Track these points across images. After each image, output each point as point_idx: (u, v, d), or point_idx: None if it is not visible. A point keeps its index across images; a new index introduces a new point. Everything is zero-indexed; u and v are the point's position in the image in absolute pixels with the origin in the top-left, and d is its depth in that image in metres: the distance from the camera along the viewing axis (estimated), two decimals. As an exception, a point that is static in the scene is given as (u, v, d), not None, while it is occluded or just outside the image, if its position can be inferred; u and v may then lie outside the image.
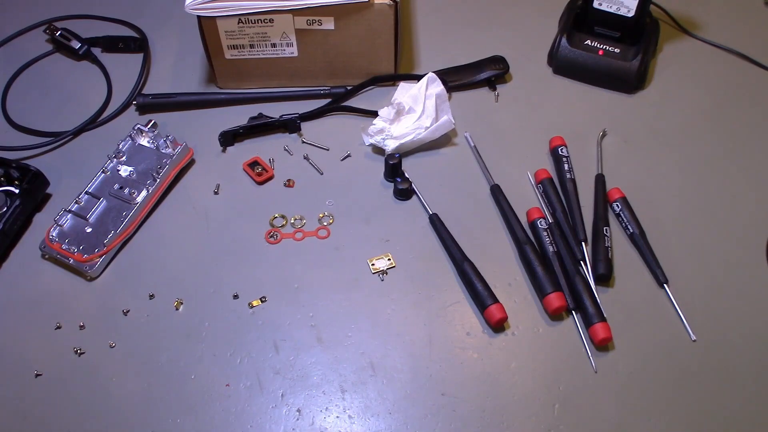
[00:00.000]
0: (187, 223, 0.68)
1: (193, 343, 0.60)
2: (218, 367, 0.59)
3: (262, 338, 0.60)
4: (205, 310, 0.62)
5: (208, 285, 0.63)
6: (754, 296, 0.63)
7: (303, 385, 0.58)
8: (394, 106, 0.72)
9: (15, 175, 0.68)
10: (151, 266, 0.65)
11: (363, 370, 0.58)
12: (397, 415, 0.56)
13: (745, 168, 0.72)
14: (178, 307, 0.62)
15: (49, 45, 0.84)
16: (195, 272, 0.64)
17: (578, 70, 0.79)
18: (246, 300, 0.62)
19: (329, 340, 0.60)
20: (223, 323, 0.61)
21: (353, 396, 0.57)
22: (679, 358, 0.59)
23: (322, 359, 0.59)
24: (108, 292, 0.64)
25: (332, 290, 0.63)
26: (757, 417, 0.56)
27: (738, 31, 0.84)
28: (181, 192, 0.71)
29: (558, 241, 0.64)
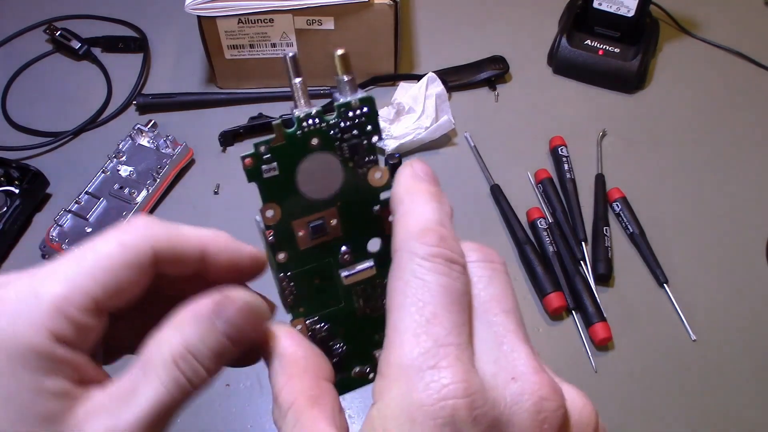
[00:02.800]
0: (187, 223, 0.68)
1: (193, 343, 0.60)
2: (218, 367, 0.59)
3: (262, 338, 0.60)
4: (205, 310, 0.62)
5: (208, 285, 0.63)
6: (754, 296, 0.63)
7: (303, 385, 0.58)
8: (394, 106, 0.72)
9: (15, 175, 0.68)
10: (151, 266, 0.65)
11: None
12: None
13: (745, 168, 0.72)
14: (178, 307, 0.62)
15: (49, 45, 0.84)
16: (195, 272, 0.64)
17: (578, 70, 0.79)
18: (246, 300, 0.62)
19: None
20: (223, 323, 0.61)
21: (353, 396, 0.57)
22: (679, 358, 0.59)
23: (322, 359, 0.59)
24: (108, 292, 0.63)
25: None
26: (757, 417, 0.56)
27: (738, 31, 0.84)
28: (181, 192, 0.71)
29: (558, 241, 0.65)
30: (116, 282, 0.24)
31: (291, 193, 0.27)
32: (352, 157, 0.27)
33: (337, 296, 0.29)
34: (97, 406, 0.23)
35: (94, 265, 0.24)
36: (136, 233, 0.25)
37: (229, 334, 0.25)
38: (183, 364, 0.24)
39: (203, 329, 0.24)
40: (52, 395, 0.22)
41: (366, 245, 0.28)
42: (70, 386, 0.23)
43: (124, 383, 0.24)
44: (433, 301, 0.22)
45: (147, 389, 0.23)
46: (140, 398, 0.23)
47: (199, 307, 0.25)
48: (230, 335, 0.25)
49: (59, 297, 0.23)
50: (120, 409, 0.23)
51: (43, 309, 0.22)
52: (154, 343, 0.24)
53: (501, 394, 0.22)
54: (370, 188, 0.27)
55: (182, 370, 0.24)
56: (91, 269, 0.24)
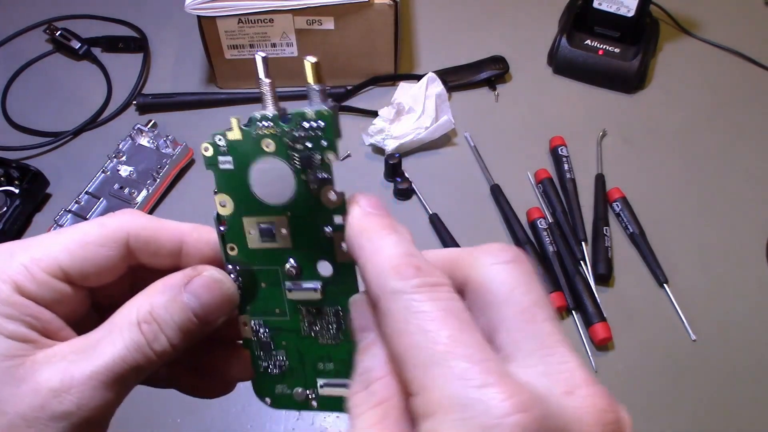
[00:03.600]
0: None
1: (193, 343, 0.60)
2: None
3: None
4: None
5: (208, 285, 0.63)
6: (754, 296, 0.63)
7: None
8: (394, 106, 0.72)
9: (15, 175, 0.68)
10: (151, 266, 0.65)
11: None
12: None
13: (745, 168, 0.72)
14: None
15: (49, 45, 0.84)
16: (195, 272, 0.64)
17: (578, 70, 0.79)
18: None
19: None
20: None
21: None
22: (679, 358, 0.59)
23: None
24: (108, 292, 0.64)
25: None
26: (757, 417, 0.56)
27: (738, 31, 0.84)
28: (181, 192, 0.71)
29: (558, 241, 0.65)
30: (86, 255, 0.26)
31: (243, 190, 0.27)
32: (304, 169, 0.26)
33: (283, 308, 0.29)
34: (57, 354, 0.24)
35: (70, 238, 0.26)
36: (115, 217, 0.28)
37: (192, 307, 0.26)
38: (145, 327, 0.25)
39: (168, 298, 0.26)
40: (11, 336, 0.24)
41: (315, 265, 0.28)
42: (31, 333, 0.25)
43: (88, 338, 0.25)
44: (445, 326, 0.21)
45: (108, 345, 0.25)
46: (100, 352, 0.25)
47: (169, 279, 0.27)
48: (194, 308, 0.26)
49: (30, 258, 0.25)
50: (79, 359, 0.24)
51: (12, 265, 0.25)
52: (124, 306, 0.26)
53: (560, 409, 0.20)
54: (322, 208, 0.26)
55: (144, 332, 0.25)
56: (66, 241, 0.26)
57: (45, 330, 0.25)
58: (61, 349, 0.25)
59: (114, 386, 0.24)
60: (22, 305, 0.25)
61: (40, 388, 0.23)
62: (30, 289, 0.25)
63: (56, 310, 0.26)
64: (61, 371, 0.24)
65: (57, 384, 0.24)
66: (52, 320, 0.26)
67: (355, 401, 0.24)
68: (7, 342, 0.24)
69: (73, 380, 0.24)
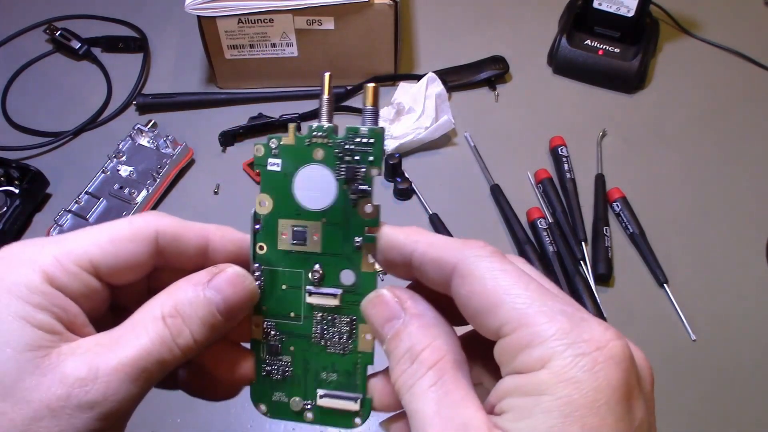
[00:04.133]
0: (187, 223, 0.68)
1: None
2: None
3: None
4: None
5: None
6: (754, 296, 0.63)
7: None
8: (394, 106, 0.72)
9: (15, 175, 0.68)
10: (151, 266, 0.65)
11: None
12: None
13: (745, 168, 0.72)
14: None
15: (49, 45, 0.84)
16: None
17: (578, 70, 0.79)
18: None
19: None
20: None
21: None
22: (679, 358, 0.59)
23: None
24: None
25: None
26: (757, 417, 0.56)
27: (738, 31, 0.84)
28: (181, 192, 0.71)
29: (558, 241, 0.65)
30: (116, 250, 0.27)
31: (285, 192, 0.29)
32: (347, 180, 0.28)
33: (299, 312, 0.29)
34: (83, 347, 0.25)
35: (100, 233, 0.27)
36: (144, 217, 0.28)
37: (216, 302, 0.26)
38: (170, 322, 0.26)
39: (192, 294, 0.26)
40: (38, 326, 0.24)
41: (339, 273, 0.29)
42: (58, 325, 0.25)
43: (111, 333, 0.26)
44: (530, 279, 0.24)
45: (133, 339, 0.25)
46: (125, 346, 0.25)
47: (193, 276, 0.27)
48: (217, 303, 0.26)
49: (61, 251, 0.26)
50: (105, 352, 0.24)
51: (43, 256, 0.25)
52: (147, 304, 0.26)
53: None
54: (357, 218, 0.28)
55: (168, 327, 0.25)
56: (96, 236, 0.27)
57: (71, 323, 0.25)
58: (86, 342, 0.25)
59: (139, 379, 0.25)
60: (51, 295, 0.25)
61: (67, 377, 0.23)
62: (60, 280, 0.25)
63: (82, 305, 0.26)
64: (87, 362, 0.24)
65: (84, 373, 0.24)
66: (78, 314, 0.26)
67: (404, 379, 0.25)
68: (34, 332, 0.24)
69: (99, 370, 0.24)
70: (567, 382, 0.22)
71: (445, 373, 0.24)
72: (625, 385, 0.23)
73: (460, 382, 0.25)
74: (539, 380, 0.22)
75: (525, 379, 0.23)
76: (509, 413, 0.23)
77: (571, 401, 0.22)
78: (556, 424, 0.22)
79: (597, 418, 0.22)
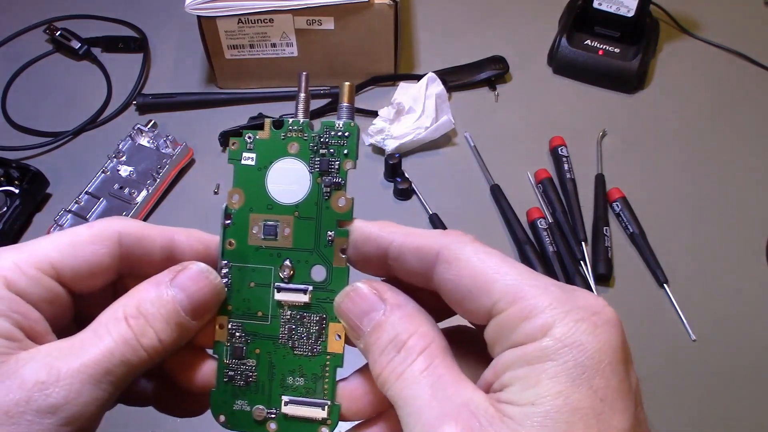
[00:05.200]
0: (187, 223, 0.68)
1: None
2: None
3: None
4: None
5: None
6: (754, 296, 0.63)
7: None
8: (394, 106, 0.72)
9: (15, 175, 0.68)
10: (151, 266, 0.65)
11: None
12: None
13: (745, 168, 0.72)
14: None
15: (49, 45, 0.84)
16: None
17: (578, 70, 0.79)
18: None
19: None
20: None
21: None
22: (679, 358, 0.59)
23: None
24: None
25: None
26: (757, 417, 0.56)
27: (738, 31, 0.84)
28: (181, 192, 0.71)
29: (558, 241, 0.65)
30: (77, 253, 0.26)
31: (258, 187, 0.28)
32: (321, 173, 0.28)
33: (266, 311, 0.29)
34: (42, 351, 0.24)
35: (61, 238, 0.27)
36: (106, 220, 0.28)
37: (179, 300, 0.26)
38: (133, 322, 0.25)
39: (155, 293, 0.26)
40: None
41: (310, 269, 0.28)
42: (16, 331, 0.24)
43: (73, 339, 0.25)
44: (513, 262, 0.25)
45: (95, 342, 0.24)
46: (87, 349, 0.24)
47: (156, 276, 0.27)
48: (181, 301, 0.26)
49: (21, 256, 0.26)
50: (66, 356, 0.24)
51: (3, 262, 0.25)
52: (109, 307, 0.26)
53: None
54: (330, 212, 0.28)
55: (131, 326, 0.25)
56: (57, 240, 0.26)
57: (30, 330, 0.25)
58: (46, 348, 0.24)
59: (103, 382, 0.24)
60: (10, 300, 0.24)
61: (26, 382, 0.23)
62: (20, 285, 0.25)
63: (44, 311, 0.26)
64: (47, 365, 0.23)
65: (44, 376, 0.23)
66: (39, 321, 0.25)
67: (391, 368, 0.25)
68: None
69: (60, 373, 0.23)
70: (571, 346, 0.22)
71: (436, 358, 0.24)
72: (623, 347, 0.23)
73: (452, 366, 0.24)
74: (543, 347, 0.22)
75: (527, 348, 0.23)
76: (513, 386, 0.23)
77: (577, 364, 0.22)
78: (564, 388, 0.22)
79: (603, 380, 0.22)
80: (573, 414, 0.21)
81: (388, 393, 0.25)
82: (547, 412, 0.21)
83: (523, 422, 0.21)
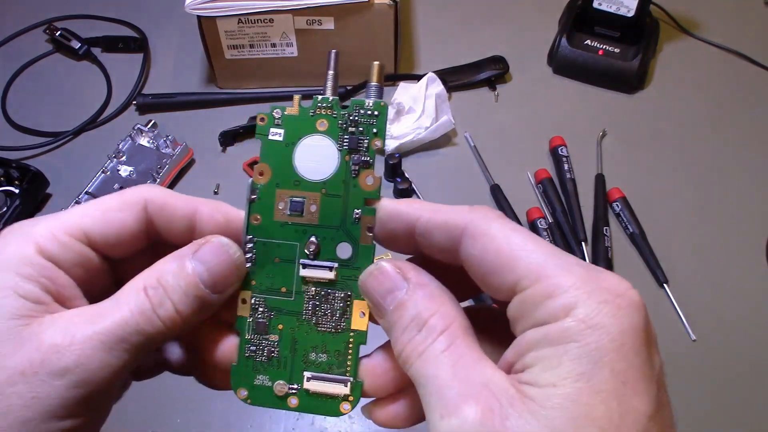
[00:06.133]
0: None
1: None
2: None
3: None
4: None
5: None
6: (754, 296, 0.63)
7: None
8: (394, 106, 0.72)
9: (15, 175, 0.68)
10: (151, 266, 0.65)
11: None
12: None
13: (745, 168, 0.72)
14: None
15: (49, 45, 0.84)
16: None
17: (578, 70, 0.79)
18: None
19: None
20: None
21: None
22: (679, 358, 0.59)
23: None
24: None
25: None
26: (757, 417, 0.56)
27: (738, 31, 0.84)
28: (181, 192, 0.71)
29: (558, 241, 0.65)
30: (106, 219, 0.27)
31: (285, 162, 0.28)
32: (350, 151, 0.28)
33: (290, 288, 0.29)
34: (65, 317, 0.25)
35: (93, 206, 0.28)
36: (134, 188, 0.29)
37: (199, 272, 0.26)
38: (151, 293, 0.26)
39: (176, 265, 0.26)
40: (24, 296, 0.25)
41: (335, 246, 0.28)
42: (44, 295, 0.25)
43: (96, 306, 0.26)
44: (540, 239, 0.25)
45: (113, 310, 0.25)
46: (104, 317, 0.25)
47: (180, 250, 0.27)
48: (200, 273, 0.26)
49: (54, 223, 0.26)
50: (83, 322, 0.25)
51: (36, 230, 0.26)
52: (134, 278, 0.26)
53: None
54: (358, 190, 0.28)
55: (149, 297, 0.25)
56: (88, 208, 0.27)
57: (59, 295, 0.26)
58: (69, 313, 0.25)
59: (115, 349, 0.24)
60: (41, 266, 0.25)
61: (42, 344, 0.24)
62: (52, 250, 0.26)
63: (77, 275, 0.26)
64: (63, 329, 0.24)
65: (59, 340, 0.24)
66: (69, 286, 0.26)
67: (412, 346, 0.25)
68: (19, 301, 0.24)
69: (74, 338, 0.24)
70: (594, 328, 0.22)
71: (457, 338, 0.24)
72: (646, 330, 0.23)
73: (473, 346, 0.24)
74: (565, 327, 0.22)
75: (550, 328, 0.22)
76: (535, 366, 0.22)
77: (600, 347, 0.22)
78: (585, 371, 0.21)
79: (625, 363, 0.22)
80: (594, 396, 0.21)
81: (409, 371, 0.25)
82: (568, 394, 0.21)
83: (544, 404, 0.21)
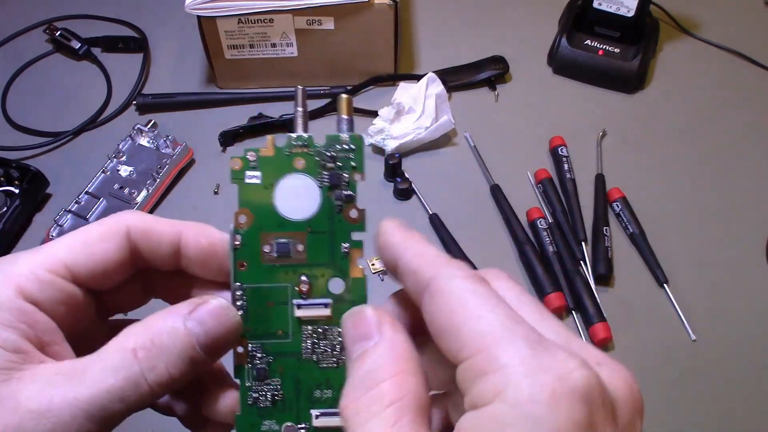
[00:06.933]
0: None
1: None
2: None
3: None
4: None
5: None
6: (754, 296, 0.63)
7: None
8: (394, 106, 0.72)
9: (15, 175, 0.68)
10: (151, 266, 0.65)
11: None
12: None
13: (745, 168, 0.72)
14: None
15: (49, 45, 0.84)
16: (195, 272, 0.64)
17: (578, 70, 0.79)
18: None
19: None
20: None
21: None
22: (679, 358, 0.59)
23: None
24: (108, 292, 0.63)
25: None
26: (757, 417, 0.56)
27: (738, 31, 0.84)
28: (181, 192, 0.71)
29: (558, 241, 0.65)
30: (89, 251, 0.26)
31: (266, 205, 0.28)
32: (331, 187, 0.28)
33: (286, 329, 0.28)
34: (44, 374, 0.23)
35: (73, 238, 0.26)
36: (115, 215, 0.28)
37: (197, 334, 0.25)
38: (142, 354, 0.24)
39: (172, 325, 0.25)
40: (3, 346, 0.23)
41: (328, 283, 0.28)
42: (25, 344, 0.24)
43: (78, 362, 0.24)
44: (501, 304, 0.22)
45: (96, 372, 0.23)
46: (86, 378, 0.23)
47: (174, 306, 0.26)
48: (198, 335, 0.25)
49: (34, 261, 0.25)
50: (63, 383, 0.23)
51: (16, 269, 0.25)
52: (122, 332, 0.25)
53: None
54: (343, 224, 0.28)
55: (139, 360, 0.24)
56: (69, 241, 0.26)
57: (40, 341, 0.24)
58: (48, 370, 0.24)
59: (95, 418, 0.23)
60: (22, 311, 0.24)
61: (19, 407, 0.23)
62: (33, 291, 0.25)
63: (59, 314, 0.25)
64: (41, 392, 0.23)
65: (35, 405, 0.23)
66: (50, 330, 0.25)
67: (355, 408, 0.23)
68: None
69: (52, 404, 0.23)
70: (526, 418, 0.19)
71: (405, 416, 0.22)
72: (587, 423, 0.20)
73: (422, 428, 0.22)
74: (494, 416, 0.20)
75: (481, 414, 0.20)
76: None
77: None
78: None
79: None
80: None
81: (346, 430, 0.23)
82: None
83: None
